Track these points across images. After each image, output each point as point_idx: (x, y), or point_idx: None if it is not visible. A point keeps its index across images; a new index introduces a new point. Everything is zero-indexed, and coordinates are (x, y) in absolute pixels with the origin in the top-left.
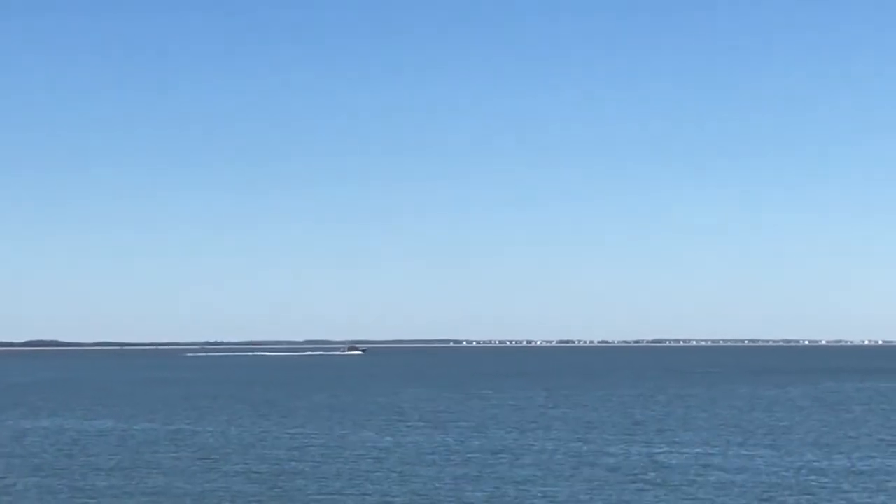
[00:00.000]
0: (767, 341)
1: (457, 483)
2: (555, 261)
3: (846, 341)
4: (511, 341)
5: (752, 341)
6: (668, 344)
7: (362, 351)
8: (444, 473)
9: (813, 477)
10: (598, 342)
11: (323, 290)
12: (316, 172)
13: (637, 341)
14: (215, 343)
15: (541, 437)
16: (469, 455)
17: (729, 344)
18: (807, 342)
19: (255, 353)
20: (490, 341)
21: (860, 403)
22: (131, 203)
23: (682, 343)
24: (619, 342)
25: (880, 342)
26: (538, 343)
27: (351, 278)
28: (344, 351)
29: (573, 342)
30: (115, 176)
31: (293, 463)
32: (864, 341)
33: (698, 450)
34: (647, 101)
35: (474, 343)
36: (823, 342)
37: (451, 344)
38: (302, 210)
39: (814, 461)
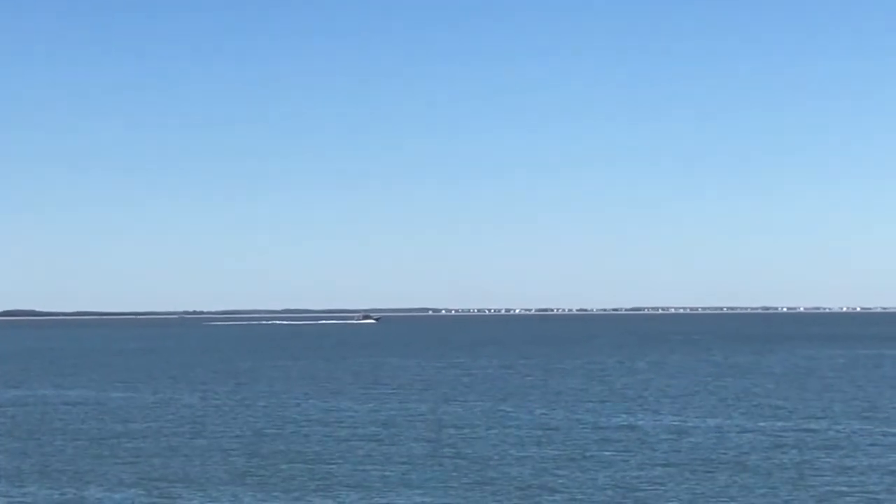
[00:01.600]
0: (745, 308)
1: (430, 452)
2: (532, 229)
3: (824, 308)
4: (490, 310)
5: (731, 308)
6: (646, 311)
7: (376, 319)
8: (417, 443)
9: (785, 443)
10: (577, 310)
11: (319, 257)
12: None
13: (615, 309)
14: (194, 312)
15: (515, 406)
16: (442, 423)
17: (707, 311)
18: (785, 309)
19: (270, 322)
20: (469, 310)
21: (836, 370)
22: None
23: (660, 311)
24: (597, 310)
25: (858, 309)
26: (517, 312)
27: (334, 247)
28: (358, 319)
29: (552, 311)
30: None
31: (269, 430)
32: (842, 308)
33: (673, 417)
34: (615, 71)
35: (453, 312)
36: (801, 309)
37: (430, 312)
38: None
39: (788, 427)
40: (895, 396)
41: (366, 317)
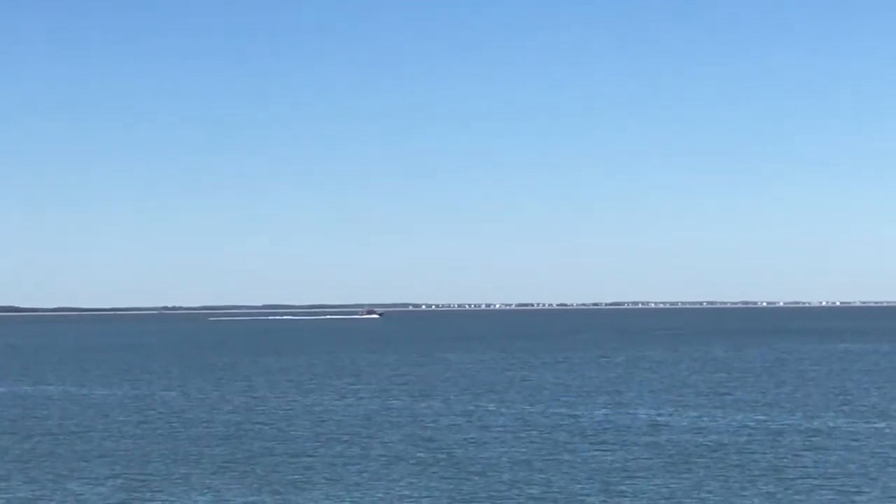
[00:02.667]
0: (725, 303)
1: (404, 445)
2: (512, 225)
3: (804, 303)
4: (470, 305)
5: (711, 303)
6: (626, 306)
7: (379, 315)
8: (393, 437)
9: (761, 436)
10: (557, 305)
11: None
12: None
13: (595, 304)
14: (173, 308)
15: (493, 400)
16: (422, 418)
17: (687, 306)
18: (765, 304)
19: (273, 318)
20: (450, 305)
21: (813, 364)
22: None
23: (640, 305)
24: (577, 305)
25: (837, 303)
26: (497, 306)
27: (325, 244)
28: (362, 315)
29: (532, 305)
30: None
31: (247, 426)
32: (821, 302)
33: (652, 411)
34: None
35: (433, 307)
36: (781, 303)
37: (411, 308)
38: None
39: (765, 420)
40: (869, 390)
41: (369, 312)
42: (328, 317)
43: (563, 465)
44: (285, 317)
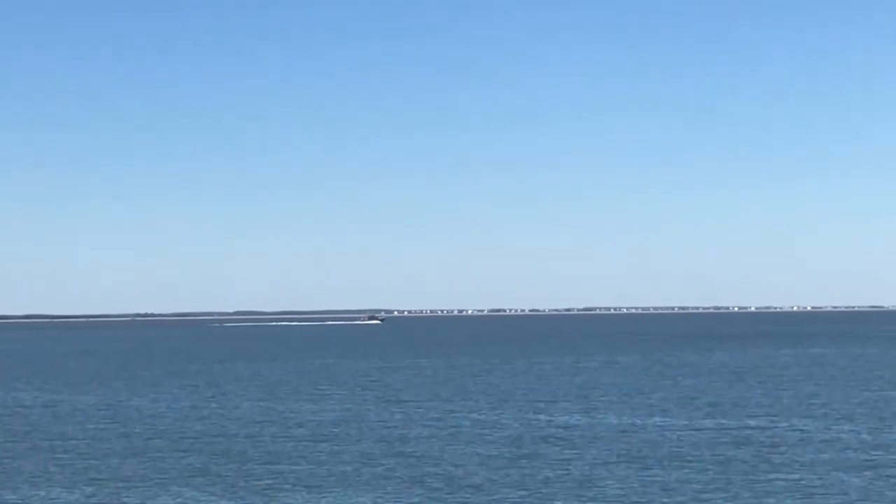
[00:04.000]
0: (697, 308)
1: (374, 451)
2: (483, 229)
3: (775, 307)
4: (442, 311)
5: (682, 308)
6: (598, 312)
7: (381, 320)
8: (364, 442)
9: (729, 441)
10: (529, 311)
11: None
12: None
13: (568, 310)
14: (145, 314)
15: (464, 405)
16: (392, 424)
17: (659, 311)
18: (736, 308)
19: (277, 324)
20: (421, 311)
21: (782, 368)
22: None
23: (612, 311)
24: (549, 311)
25: (809, 308)
26: (469, 312)
27: (287, 250)
28: (364, 320)
29: (505, 311)
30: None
31: (218, 432)
32: (792, 307)
33: (622, 416)
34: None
35: (405, 313)
36: (752, 308)
37: (382, 314)
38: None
39: (733, 425)
40: (836, 394)
41: (371, 317)
42: (329, 323)
43: (533, 470)
44: (287, 323)
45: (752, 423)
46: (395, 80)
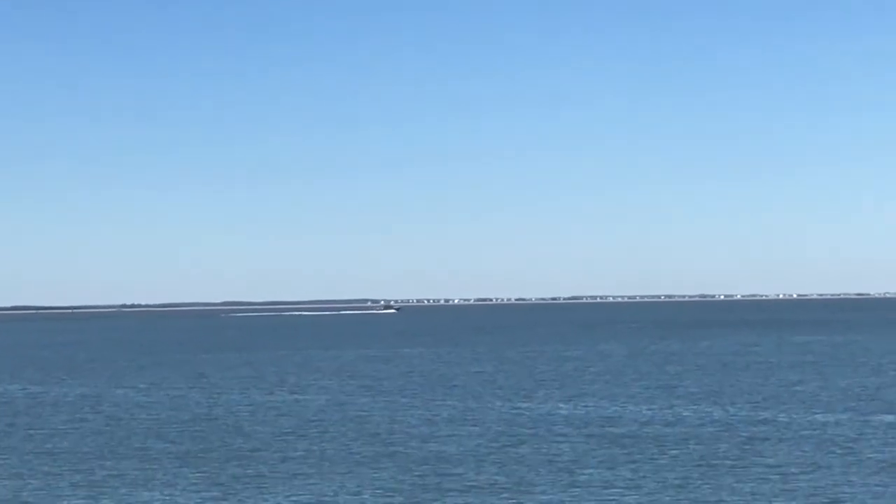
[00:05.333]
0: (683, 296)
1: (358, 440)
2: (470, 219)
3: (761, 295)
4: (429, 300)
5: (669, 296)
6: (584, 300)
7: (397, 309)
8: (348, 431)
9: (714, 427)
10: (516, 300)
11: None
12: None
13: (554, 298)
14: (132, 305)
15: (448, 394)
16: (373, 412)
17: (646, 300)
18: (722, 297)
19: (290, 314)
20: (408, 300)
21: (764, 356)
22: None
23: (598, 299)
24: (536, 299)
25: (794, 296)
26: (456, 301)
27: (275, 240)
28: (380, 309)
29: (491, 300)
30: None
31: (202, 422)
32: (778, 295)
33: (605, 403)
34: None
35: (392, 302)
36: (738, 296)
37: (369, 303)
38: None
39: (716, 412)
40: (820, 381)
41: (387, 307)
42: (344, 312)
43: (516, 457)
44: (295, 312)
45: (736, 410)
46: (391, 74)
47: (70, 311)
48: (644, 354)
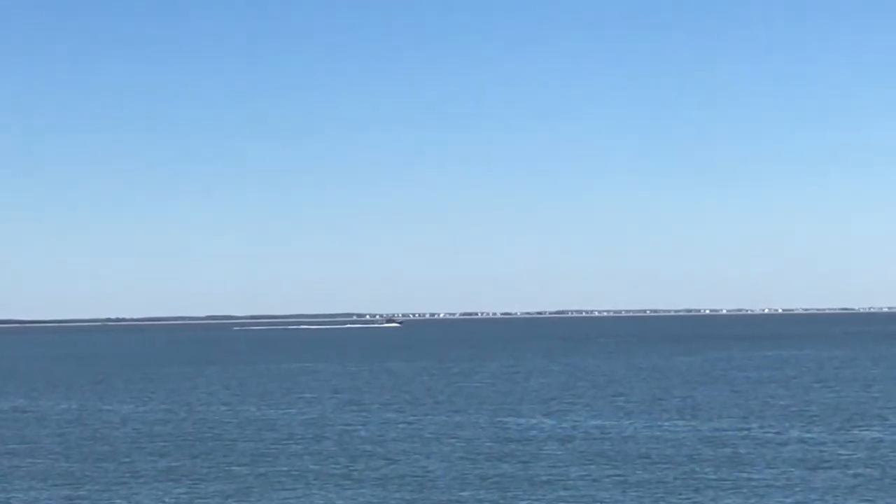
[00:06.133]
0: (669, 311)
1: (338, 454)
2: (455, 233)
3: (746, 310)
4: (415, 314)
5: (654, 311)
6: (570, 315)
7: (400, 323)
8: (329, 445)
9: (695, 442)
10: (501, 314)
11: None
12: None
13: (540, 313)
14: (116, 319)
15: (431, 408)
16: (356, 427)
17: (631, 314)
18: (708, 311)
19: (295, 327)
20: (394, 314)
21: (752, 370)
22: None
23: (584, 314)
24: (521, 314)
25: (779, 310)
26: (441, 315)
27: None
28: (382, 323)
29: (476, 314)
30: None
31: (186, 436)
32: (763, 310)
33: (588, 418)
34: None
35: (377, 316)
36: (724, 311)
37: (354, 317)
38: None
39: (699, 426)
40: (804, 395)
41: (389, 321)
42: (348, 326)
43: (500, 472)
44: (302, 326)
45: (720, 425)
46: (391, 80)
47: (55, 324)
48: (629, 369)
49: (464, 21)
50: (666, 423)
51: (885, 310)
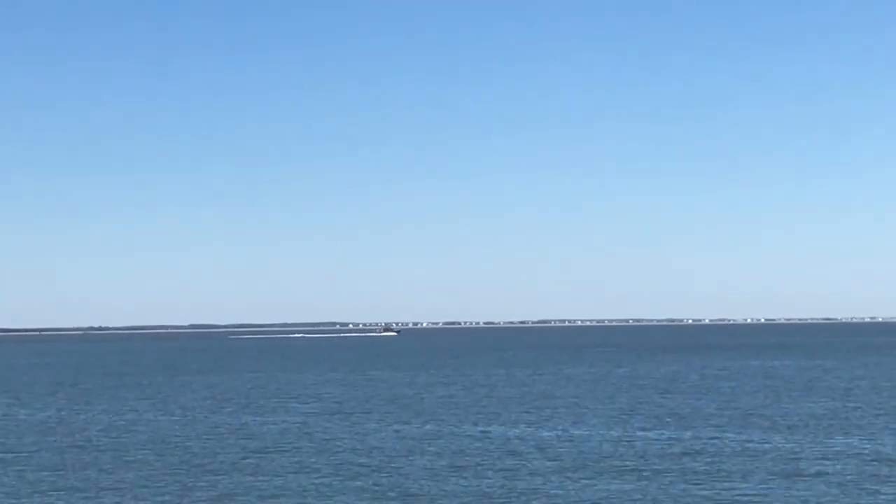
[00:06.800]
0: (651, 320)
1: (307, 464)
2: (439, 242)
3: (729, 320)
4: (397, 323)
5: (637, 321)
6: (553, 324)
7: (397, 332)
8: (309, 453)
9: (676, 453)
10: (484, 323)
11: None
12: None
13: (523, 322)
14: (99, 328)
15: (412, 417)
16: (328, 438)
17: (614, 324)
18: (690, 321)
19: (290, 336)
20: (376, 324)
21: (727, 380)
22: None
23: (567, 323)
24: (504, 323)
25: (762, 320)
26: (424, 325)
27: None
28: (379, 332)
29: (459, 324)
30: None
31: (164, 444)
32: (746, 319)
33: (569, 426)
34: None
35: (360, 325)
36: (706, 321)
37: (338, 326)
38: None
39: (683, 437)
40: (784, 405)
41: (386, 329)
42: (345, 335)
43: (479, 480)
44: (300, 335)
45: (700, 434)
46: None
47: (36, 333)
48: (610, 378)
49: (463, 22)
50: (647, 433)
51: (867, 320)
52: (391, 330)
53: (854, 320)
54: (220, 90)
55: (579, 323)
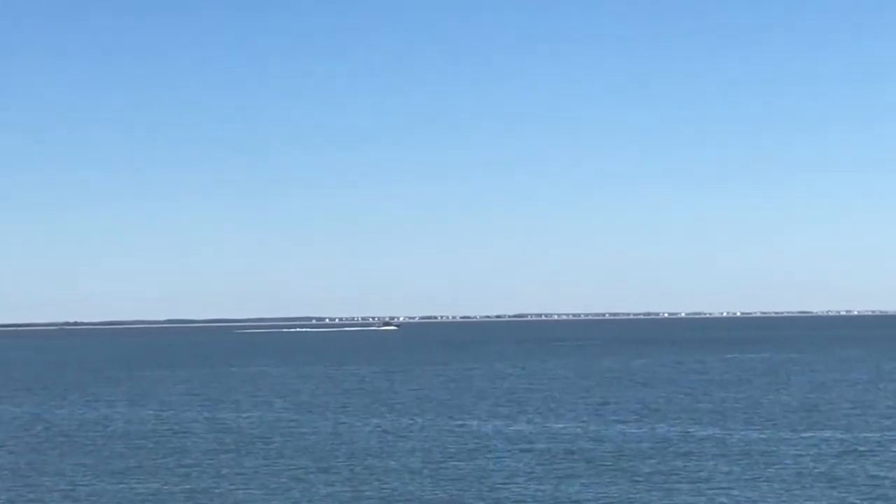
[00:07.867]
0: (628, 314)
1: (283, 458)
2: (414, 236)
3: (705, 313)
4: (374, 318)
5: (613, 314)
6: (530, 318)
7: (396, 326)
8: (283, 447)
9: (648, 443)
10: (461, 318)
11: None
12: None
13: (499, 316)
14: (74, 323)
15: (386, 412)
16: (304, 432)
17: (591, 317)
18: (666, 314)
19: (294, 330)
20: (353, 318)
21: (700, 374)
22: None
23: (543, 317)
24: (481, 317)
25: (738, 314)
26: (402, 319)
27: (214, 255)
28: (379, 326)
29: (436, 318)
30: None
31: (140, 438)
32: (722, 313)
33: (543, 420)
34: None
35: (336, 320)
36: (683, 314)
37: (314, 321)
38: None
39: (649, 429)
40: (754, 398)
41: (386, 324)
42: (346, 329)
43: (452, 473)
44: (301, 329)
45: (674, 426)
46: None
47: (10, 328)
48: (587, 372)
49: (461, 22)
50: (621, 426)
51: (843, 313)
52: (391, 324)
53: (830, 314)
54: (220, 89)
55: (556, 317)
